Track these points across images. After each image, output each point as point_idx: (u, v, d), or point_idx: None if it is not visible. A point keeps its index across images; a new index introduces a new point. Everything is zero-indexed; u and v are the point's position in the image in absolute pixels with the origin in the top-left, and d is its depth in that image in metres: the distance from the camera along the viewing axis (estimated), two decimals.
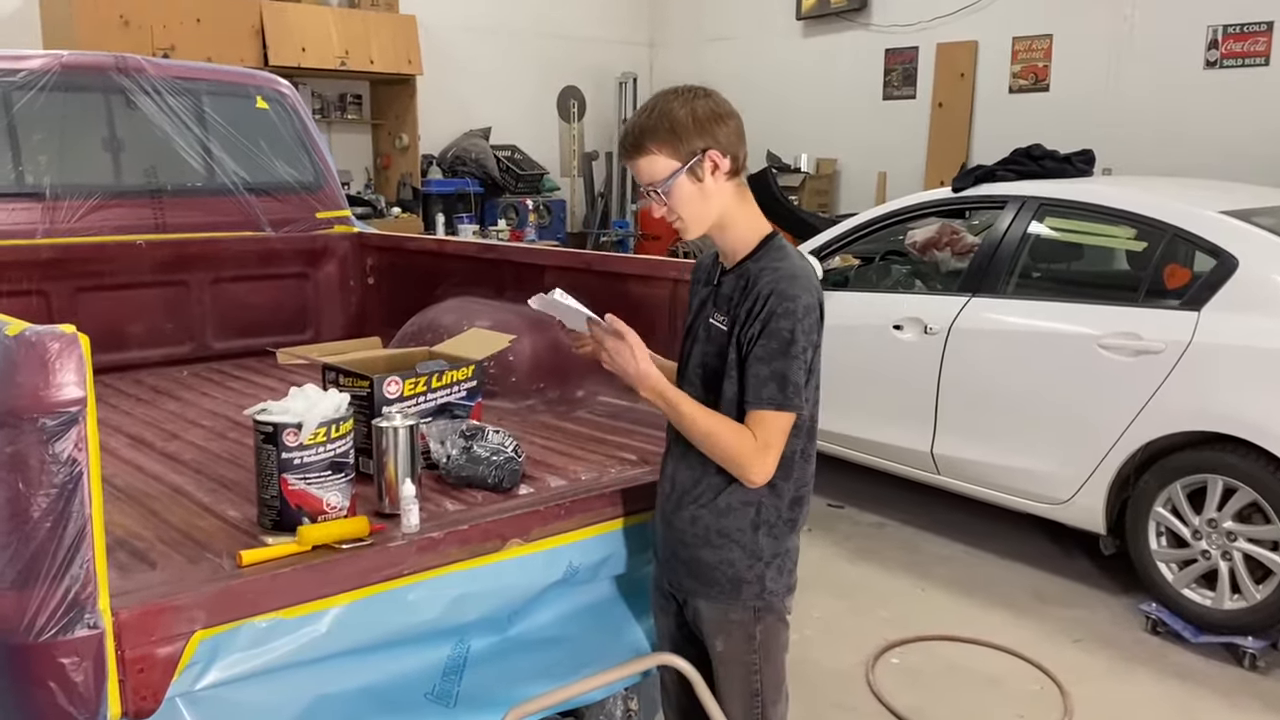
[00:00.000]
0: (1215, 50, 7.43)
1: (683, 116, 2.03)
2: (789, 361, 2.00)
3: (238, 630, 1.85)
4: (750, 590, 2.16)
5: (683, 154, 2.04)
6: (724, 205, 2.10)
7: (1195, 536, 3.93)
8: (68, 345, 1.60)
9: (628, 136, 2.09)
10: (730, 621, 2.18)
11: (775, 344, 2.00)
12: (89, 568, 1.65)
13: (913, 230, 5.46)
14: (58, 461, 1.61)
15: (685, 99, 2.06)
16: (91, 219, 3.61)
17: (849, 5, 9.54)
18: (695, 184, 2.06)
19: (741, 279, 2.09)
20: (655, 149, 2.05)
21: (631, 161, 2.10)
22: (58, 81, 3.55)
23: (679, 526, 2.19)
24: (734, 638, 2.19)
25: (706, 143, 2.04)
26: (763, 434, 2.03)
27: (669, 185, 2.05)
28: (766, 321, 2.01)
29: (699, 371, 2.16)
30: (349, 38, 8.91)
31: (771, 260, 2.09)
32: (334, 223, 4.23)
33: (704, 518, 2.15)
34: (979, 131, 8.85)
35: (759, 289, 2.03)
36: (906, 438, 4.81)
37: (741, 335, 2.05)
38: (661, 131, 2.04)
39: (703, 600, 2.20)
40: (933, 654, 3.92)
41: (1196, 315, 3.90)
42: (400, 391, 2.54)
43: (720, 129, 2.06)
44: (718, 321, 2.12)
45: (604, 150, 11.16)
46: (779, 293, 2.01)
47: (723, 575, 2.15)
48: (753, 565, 2.15)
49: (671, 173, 2.04)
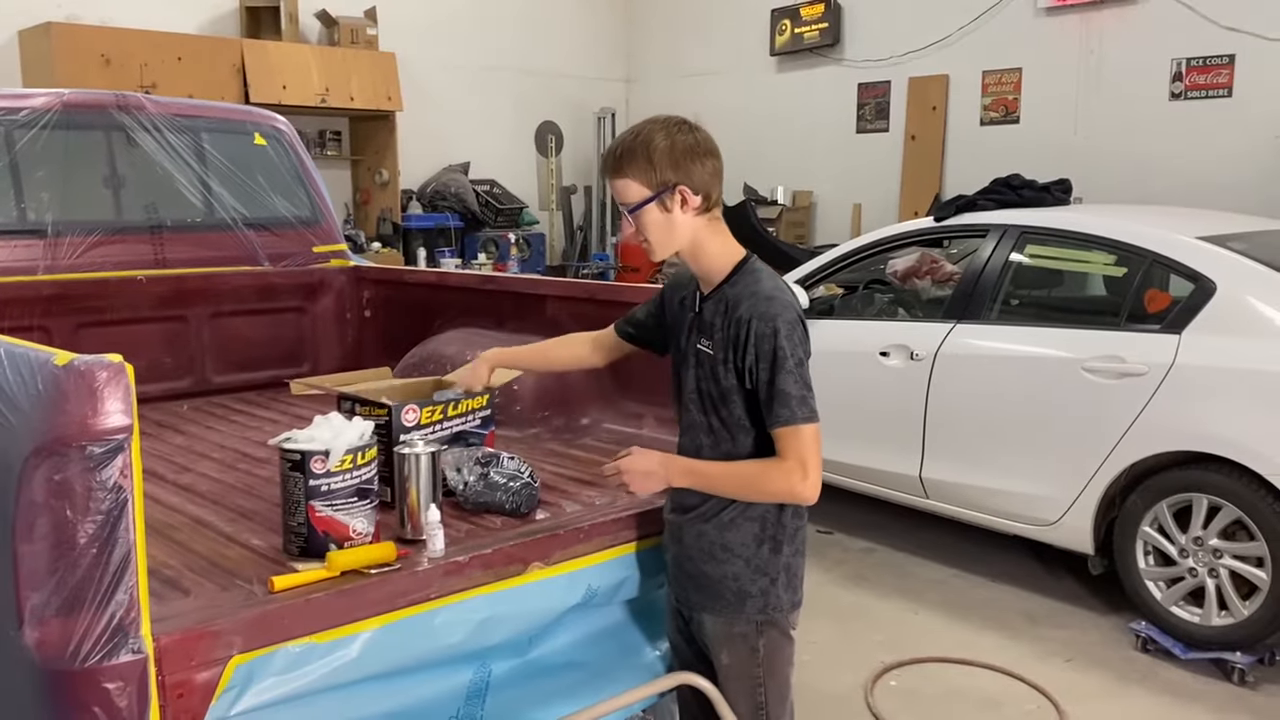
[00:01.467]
0: (1179, 82, 7.64)
1: (662, 148, 2.11)
2: (785, 376, 2.08)
3: (273, 655, 1.87)
4: (754, 604, 2.21)
5: (654, 184, 2.12)
6: (693, 236, 2.18)
7: (1182, 554, 4.01)
8: (115, 374, 1.63)
9: (610, 156, 2.19)
10: (734, 635, 2.24)
11: (770, 365, 2.08)
12: (133, 594, 1.68)
13: (893, 260, 5.57)
14: (104, 489, 1.64)
15: (669, 131, 2.13)
16: (92, 255, 3.64)
17: (822, 41, 9.73)
18: (663, 214, 2.15)
19: (720, 304, 2.18)
20: (630, 174, 2.14)
21: (611, 180, 2.20)
22: (59, 120, 3.59)
23: (686, 542, 2.26)
24: (738, 651, 2.25)
25: (679, 178, 2.12)
26: (796, 450, 2.09)
27: (638, 211, 2.15)
28: (757, 345, 2.09)
29: (695, 397, 2.23)
30: (329, 75, 8.97)
31: (746, 285, 2.17)
32: (330, 256, 4.27)
33: (709, 533, 2.21)
34: (951, 163, 9.02)
35: (739, 315, 2.12)
36: (895, 463, 4.88)
37: (739, 364, 2.13)
38: (639, 159, 2.12)
39: (708, 614, 2.26)
40: (930, 676, 3.97)
41: (1178, 338, 4.01)
42: (418, 420, 2.58)
43: (696, 167, 2.13)
44: (704, 347, 2.20)
45: (582, 184, 11.27)
46: (759, 314, 2.10)
47: (727, 589, 2.21)
48: (756, 579, 2.21)
49: (641, 200, 2.14)
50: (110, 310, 3.69)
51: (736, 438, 2.18)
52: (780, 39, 10.11)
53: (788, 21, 10.00)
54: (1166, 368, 3.98)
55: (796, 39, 9.95)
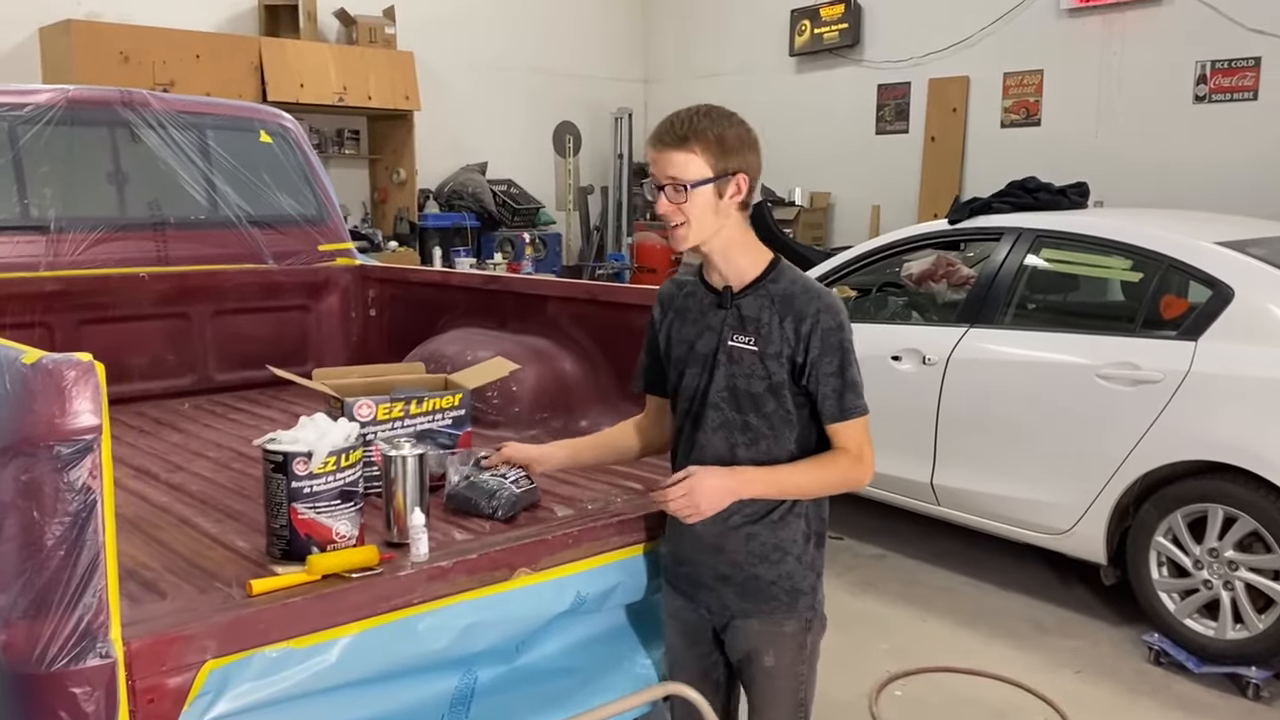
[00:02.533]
0: (1204, 85, 7.53)
1: (730, 136, 2.12)
2: (855, 369, 2.14)
3: (248, 660, 1.84)
4: (805, 601, 2.25)
5: (718, 168, 2.11)
6: (728, 228, 2.17)
7: (1196, 566, 3.93)
8: (84, 373, 1.60)
9: (677, 125, 2.11)
10: (784, 634, 2.25)
11: (839, 356, 2.12)
12: (101, 597, 1.65)
13: (908, 262, 5.50)
14: (72, 489, 1.61)
15: (731, 119, 2.14)
16: (95, 251, 3.63)
17: (841, 42, 9.66)
18: (715, 199, 2.12)
19: (765, 299, 2.17)
20: (699, 150, 2.10)
21: (667, 151, 2.12)
22: (63, 115, 3.58)
23: (731, 548, 2.22)
24: (786, 650, 2.26)
25: (742, 166, 2.13)
26: (854, 441, 2.15)
27: (696, 188, 2.10)
28: (824, 338, 2.12)
29: (725, 395, 2.19)
30: (347, 74, 8.98)
31: (794, 280, 2.19)
32: (336, 255, 4.25)
33: (760, 534, 2.20)
34: (971, 165, 8.94)
35: (800, 308, 2.13)
36: (906, 469, 4.81)
37: (796, 356, 2.13)
38: (708, 138, 2.10)
39: (754, 619, 2.24)
40: (936, 685, 3.90)
41: (1194, 345, 3.93)
42: (373, 415, 2.54)
43: (754, 159, 2.17)
44: (743, 343, 2.17)
45: (599, 185, 11.24)
46: (826, 309, 2.13)
47: (780, 589, 2.22)
48: (806, 575, 2.24)
49: (702, 179, 2.10)
50: (113, 307, 3.68)
51: (780, 433, 2.18)
52: (800, 39, 10.04)
53: (807, 22, 9.93)
54: (1182, 375, 3.89)
55: (816, 39, 9.88)
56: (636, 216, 11.05)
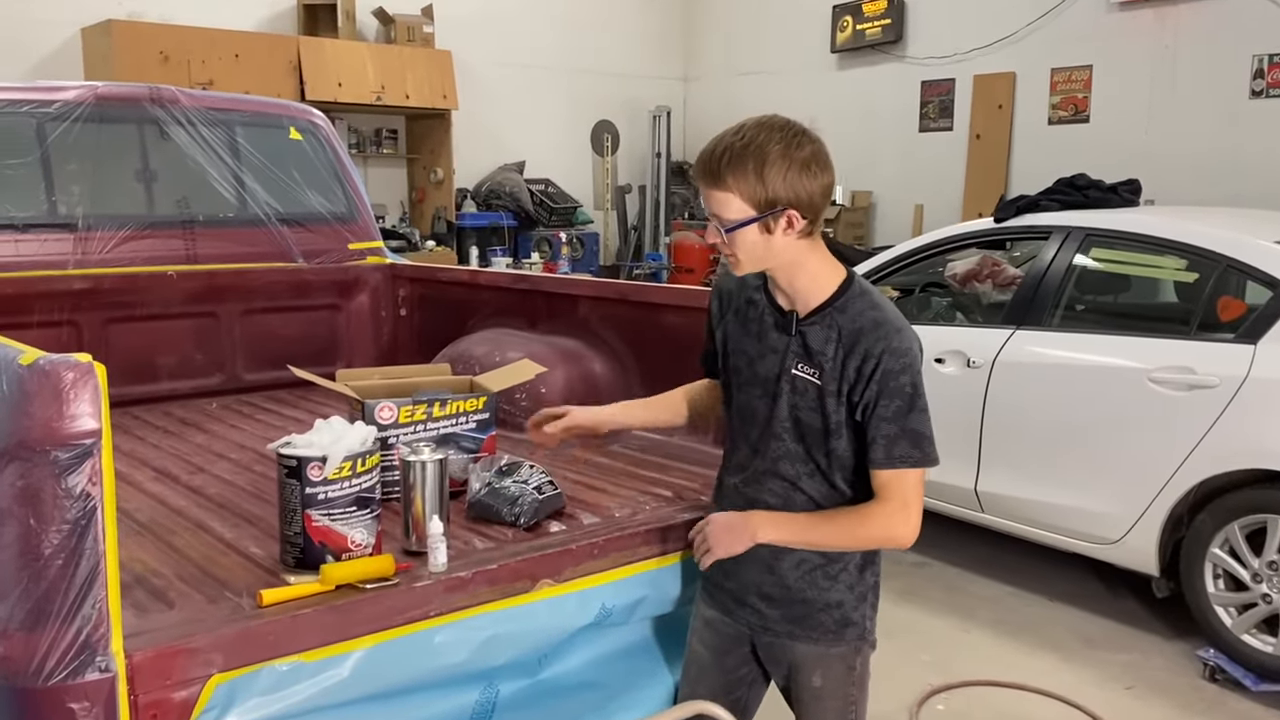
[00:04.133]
0: (1261, 79, 7.29)
1: (776, 163, 1.85)
2: (918, 416, 1.95)
3: (257, 674, 1.76)
4: (854, 630, 2.13)
5: (760, 204, 1.88)
6: (792, 257, 1.97)
7: (1255, 579, 3.77)
8: (83, 375, 1.53)
9: (710, 160, 1.90)
10: (831, 656, 2.14)
11: (900, 401, 1.94)
12: (102, 608, 1.58)
13: (952, 262, 5.35)
14: (70, 496, 1.54)
15: (786, 140, 1.87)
16: (123, 250, 3.59)
17: (884, 38, 9.50)
18: (763, 235, 1.92)
19: (832, 330, 1.98)
20: (734, 187, 1.88)
21: (705, 189, 1.94)
22: (91, 113, 3.54)
23: (782, 571, 2.10)
24: (834, 671, 2.15)
25: (790, 200, 1.88)
26: (900, 493, 1.98)
27: (734, 230, 1.92)
28: (884, 381, 1.93)
29: (788, 425, 2.05)
30: (385, 73, 8.97)
31: (864, 311, 1.97)
32: (366, 253, 4.19)
33: (812, 559, 2.09)
34: (1017, 163, 8.74)
35: (866, 347, 1.93)
36: (949, 474, 4.66)
37: (853, 395, 1.96)
38: (746, 171, 1.86)
39: (800, 641, 2.13)
40: (980, 700, 3.77)
41: (1253, 348, 3.76)
42: (395, 417, 2.46)
43: (810, 185, 1.89)
44: (807, 375, 2.01)
45: (637, 184, 11.16)
46: (892, 350, 1.92)
47: (829, 618, 2.11)
48: (859, 605, 2.12)
49: (742, 220, 1.90)
50: (140, 306, 3.64)
51: (835, 475, 2.04)
52: (841, 36, 9.90)
53: (849, 18, 9.78)
54: (1240, 380, 3.73)
55: (858, 35, 9.73)
56: (674, 216, 10.95)
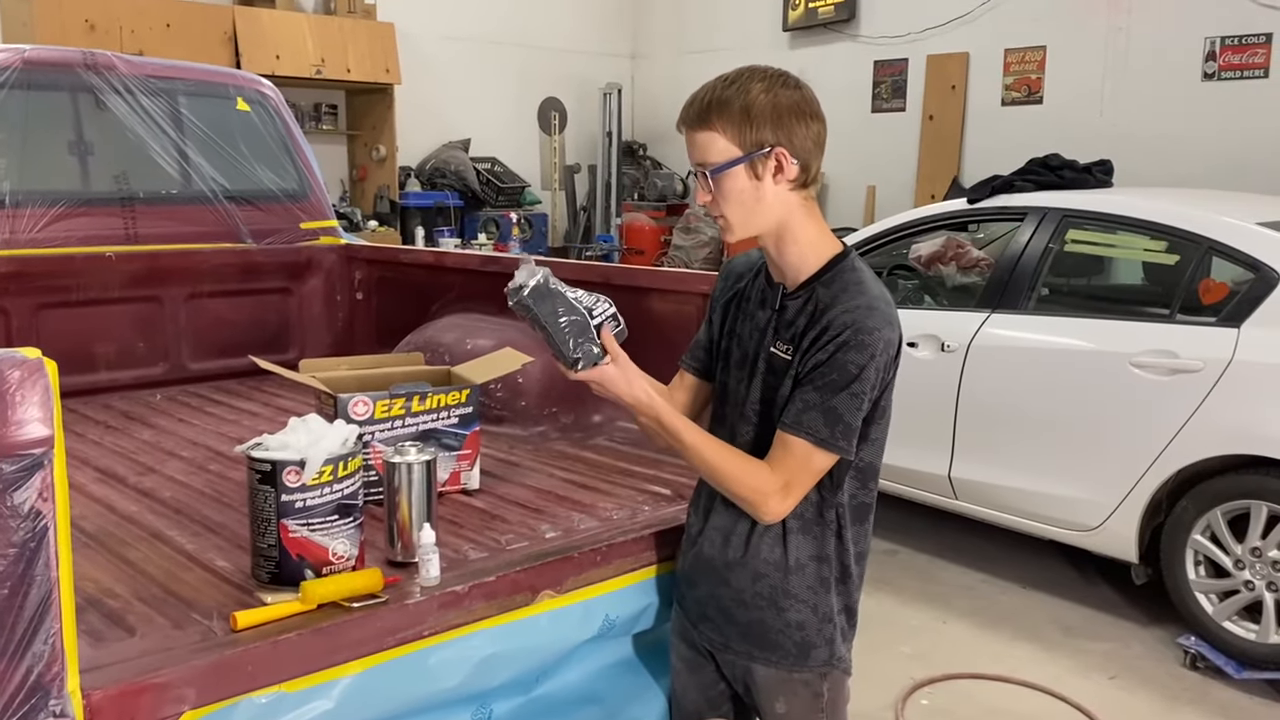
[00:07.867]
0: (1213, 62, 7.30)
1: (761, 101, 1.76)
2: (847, 398, 1.74)
3: (234, 708, 1.57)
4: (819, 654, 1.90)
5: (747, 143, 1.77)
6: (782, 216, 1.81)
7: (1237, 566, 3.72)
8: (31, 374, 1.31)
9: (695, 103, 1.80)
10: (794, 681, 1.92)
11: (837, 376, 1.74)
12: (55, 643, 1.37)
13: (917, 244, 5.25)
14: (17, 515, 1.32)
15: (771, 83, 1.78)
16: (56, 229, 3.31)
17: (837, 16, 9.37)
18: (751, 181, 1.78)
19: (809, 304, 1.81)
20: (719, 127, 1.77)
21: (690, 132, 1.81)
22: (19, 79, 3.24)
23: (737, 585, 1.90)
24: (799, 698, 1.93)
25: (778, 139, 1.77)
26: (788, 467, 1.77)
27: (721, 173, 1.78)
28: (834, 351, 1.74)
29: (757, 408, 1.87)
30: (325, 45, 8.62)
31: (846, 285, 1.80)
32: (319, 233, 3.95)
33: (770, 575, 1.87)
34: (970, 144, 8.68)
35: (830, 317, 1.75)
36: (922, 461, 4.57)
37: (802, 364, 1.78)
38: (732, 110, 1.76)
39: (758, 663, 1.93)
40: (965, 693, 3.68)
41: (1236, 332, 3.70)
42: (370, 413, 2.27)
43: (799, 128, 1.78)
44: (780, 351, 1.84)
45: (586, 163, 10.92)
46: (856, 325, 1.74)
47: (789, 640, 1.89)
48: (822, 628, 1.89)
49: (728, 160, 1.77)
50: (75, 290, 3.36)
51: None
52: (793, 14, 9.75)
53: None
54: (1224, 364, 3.67)
55: (810, 14, 9.59)
56: (625, 197, 10.74)
